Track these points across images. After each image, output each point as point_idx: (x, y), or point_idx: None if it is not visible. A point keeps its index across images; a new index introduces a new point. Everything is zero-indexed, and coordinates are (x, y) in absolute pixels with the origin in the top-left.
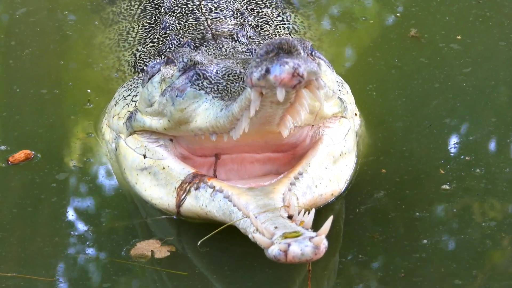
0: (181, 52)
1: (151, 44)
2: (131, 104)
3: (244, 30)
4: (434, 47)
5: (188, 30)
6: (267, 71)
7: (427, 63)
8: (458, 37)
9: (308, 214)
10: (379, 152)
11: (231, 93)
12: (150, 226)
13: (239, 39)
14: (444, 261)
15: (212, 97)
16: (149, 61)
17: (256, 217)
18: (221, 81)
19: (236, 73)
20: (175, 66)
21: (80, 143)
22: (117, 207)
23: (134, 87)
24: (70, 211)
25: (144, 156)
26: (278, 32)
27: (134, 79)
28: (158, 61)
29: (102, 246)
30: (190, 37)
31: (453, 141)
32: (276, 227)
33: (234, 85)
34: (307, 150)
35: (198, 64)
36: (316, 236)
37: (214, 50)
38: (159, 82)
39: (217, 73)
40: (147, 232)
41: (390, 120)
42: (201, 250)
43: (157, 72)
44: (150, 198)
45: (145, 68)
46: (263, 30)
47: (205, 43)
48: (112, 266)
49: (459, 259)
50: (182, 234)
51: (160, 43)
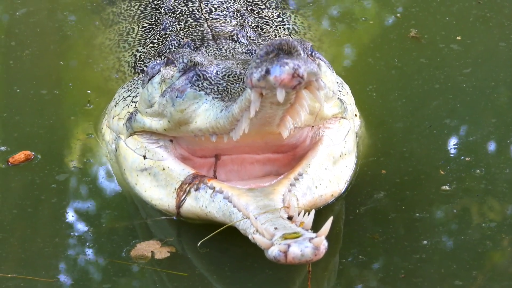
0: (181, 53)
1: (151, 45)
2: (131, 105)
3: (244, 31)
4: (434, 48)
5: (188, 31)
6: (267, 72)
7: (427, 64)
8: (458, 38)
9: (308, 215)
10: (379, 153)
11: (231, 94)
12: (150, 227)
13: (239, 40)
14: (444, 262)
15: (212, 98)
16: (149, 62)
17: (256, 218)
18: (221, 82)
19: (236, 74)
20: (175, 67)
21: (80, 144)
22: (117, 208)
23: (134, 88)
24: (70, 212)
25: (144, 157)
26: (278, 33)
27: (134, 80)
28: (158, 62)
29: (102, 247)
30: (190, 38)
31: (453, 142)
32: (276, 228)
33: (234, 86)
34: (307, 151)
35: (198, 65)
36: (316, 237)
37: (214, 51)
38: (159, 83)
39: (217, 74)
40: (147, 233)
41: (390, 121)
42: (201, 251)
43: (157, 73)
44: (150, 199)
45: (145, 69)
46: (263, 31)
47: (205, 44)
48: (112, 267)
49: (459, 260)
50: (182, 235)
51: (160, 44)
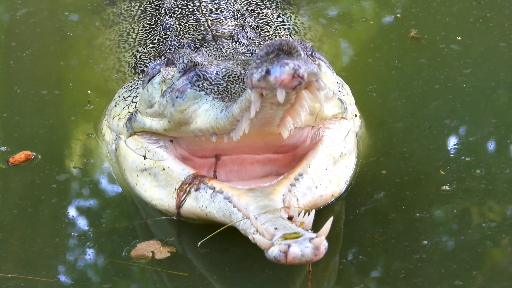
0: (181, 53)
1: (152, 45)
2: (131, 105)
3: (244, 31)
4: (434, 48)
5: (189, 31)
6: (267, 72)
7: (427, 64)
8: (459, 38)
9: (308, 215)
10: (379, 153)
11: (231, 94)
12: (150, 227)
13: (239, 40)
14: (444, 262)
15: (213, 98)
16: (149, 62)
17: (256, 218)
18: (221, 82)
19: (236, 74)
20: (176, 67)
21: (81, 144)
22: (118, 208)
23: (135, 88)
24: (71, 212)
25: (144, 157)
26: (278, 33)
27: (135, 80)
28: (159, 62)
29: (103, 247)
30: (191, 38)
31: (453, 142)
32: (276, 228)
33: (235, 86)
34: (307, 151)
35: (199, 65)
36: (316, 237)
37: (215, 51)
38: (159, 83)
39: (218, 74)
40: (147, 233)
41: (390, 121)
42: (202, 251)
43: (158, 73)
44: (150, 199)
45: (145, 69)
46: (263, 31)
47: (206, 44)
48: (113, 267)
49: (459, 260)
50: (183, 235)
51: (161, 44)
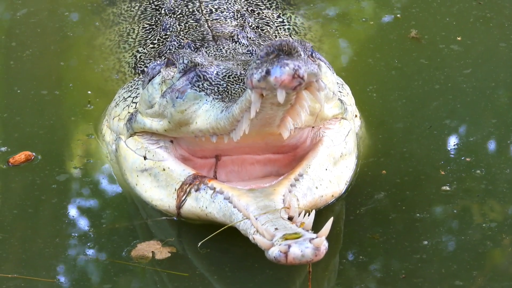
0: (182, 54)
1: (152, 46)
2: (132, 106)
3: (245, 32)
4: (434, 48)
5: (189, 32)
6: (268, 73)
7: (427, 64)
8: (459, 38)
9: (309, 216)
10: (380, 153)
11: (232, 95)
12: (151, 227)
13: (240, 41)
14: (445, 262)
15: (213, 99)
16: (150, 63)
17: (257, 219)
18: (222, 83)
19: (237, 75)
20: (176, 68)
21: (81, 145)
22: (118, 208)
23: (135, 89)
24: (71, 212)
25: (145, 158)
26: (279, 34)
27: (135, 81)
28: (159, 63)
29: (103, 247)
30: (191, 39)
31: (453, 142)
32: (277, 229)
33: (235, 87)
34: (308, 152)
35: (199, 66)
36: (317, 238)
37: (215, 52)
38: (160, 84)
39: (218, 75)
40: (148, 233)
41: (390, 122)
42: (202, 251)
43: (158, 74)
44: (151, 200)
45: (146, 70)
46: (264, 32)
47: (206, 45)
48: (113, 267)
49: (460, 260)
50: (183, 235)
51: (161, 45)
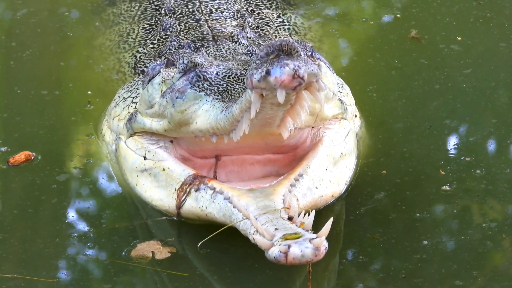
0: (182, 54)
1: (152, 46)
2: (132, 106)
3: (245, 32)
4: (435, 48)
5: (189, 32)
6: (268, 73)
7: (427, 64)
8: (459, 38)
9: (309, 216)
10: (380, 153)
11: (232, 95)
12: (151, 227)
13: (240, 41)
14: (445, 262)
15: (213, 99)
16: (150, 63)
17: (257, 219)
18: (222, 83)
19: (237, 75)
20: (176, 68)
21: (81, 145)
22: (118, 208)
23: (135, 89)
24: (71, 212)
25: (145, 158)
26: (279, 34)
27: (135, 81)
28: (159, 63)
29: (103, 247)
30: (191, 39)
31: (453, 142)
32: (276, 229)
33: (235, 87)
34: (308, 152)
35: (199, 66)
36: (317, 238)
37: (215, 52)
38: (160, 84)
39: (218, 75)
40: (148, 233)
41: (391, 121)
42: (202, 251)
43: (158, 74)
44: (151, 200)
45: (146, 70)
46: (264, 32)
47: (206, 45)
48: (113, 267)
49: (460, 260)
50: (183, 235)
51: (161, 45)
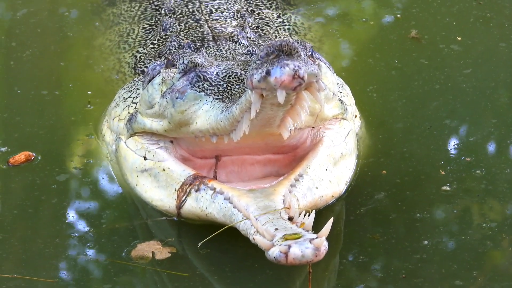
0: (182, 54)
1: (152, 46)
2: (132, 106)
3: (245, 32)
4: (435, 48)
5: (189, 32)
6: (268, 73)
7: (427, 64)
8: (459, 38)
9: (309, 216)
10: (380, 154)
11: (232, 95)
12: (151, 228)
13: (240, 41)
14: (445, 262)
15: (213, 99)
16: (150, 63)
17: (257, 219)
18: (222, 83)
19: (237, 75)
20: (176, 68)
21: (81, 145)
22: (118, 209)
23: (135, 89)
24: (71, 213)
25: (145, 158)
26: (279, 34)
27: (135, 81)
28: (159, 63)
29: (103, 247)
30: (191, 39)
31: (454, 142)
32: (277, 229)
33: (235, 87)
34: (308, 152)
35: (199, 66)
36: (317, 238)
37: (215, 52)
38: (160, 84)
39: (218, 75)
40: (148, 234)
41: (391, 122)
42: (202, 252)
43: (158, 74)
44: (151, 200)
45: (146, 70)
46: (264, 32)
47: (206, 45)
48: (113, 267)
49: (460, 260)
50: (183, 236)
51: (161, 45)
